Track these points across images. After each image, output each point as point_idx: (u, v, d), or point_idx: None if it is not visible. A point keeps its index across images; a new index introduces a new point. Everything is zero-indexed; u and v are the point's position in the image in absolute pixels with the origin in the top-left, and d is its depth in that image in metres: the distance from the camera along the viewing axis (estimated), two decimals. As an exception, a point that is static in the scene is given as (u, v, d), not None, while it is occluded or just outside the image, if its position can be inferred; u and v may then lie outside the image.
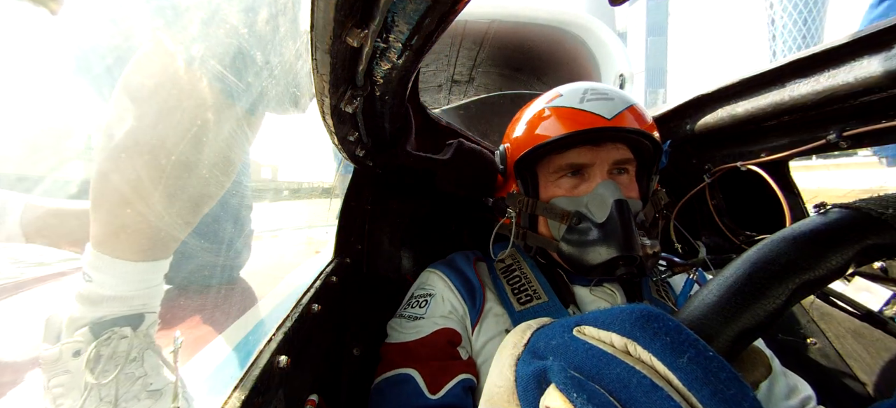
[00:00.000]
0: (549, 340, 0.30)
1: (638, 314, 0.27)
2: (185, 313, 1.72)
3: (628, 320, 0.27)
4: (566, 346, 0.28)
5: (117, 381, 0.83)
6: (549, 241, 0.79)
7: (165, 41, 0.87)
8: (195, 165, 0.93)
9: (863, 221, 0.31)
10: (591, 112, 0.75)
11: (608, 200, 0.71)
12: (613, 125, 0.74)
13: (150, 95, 0.88)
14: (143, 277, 0.92)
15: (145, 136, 0.87)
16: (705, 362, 0.23)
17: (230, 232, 1.88)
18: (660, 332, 0.25)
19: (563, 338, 0.29)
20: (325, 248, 3.42)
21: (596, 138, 0.76)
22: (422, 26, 0.39)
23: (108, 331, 0.86)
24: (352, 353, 0.92)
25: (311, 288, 0.80)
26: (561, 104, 0.79)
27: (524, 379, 0.28)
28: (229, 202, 1.87)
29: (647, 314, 0.27)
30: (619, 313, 0.28)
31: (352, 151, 0.78)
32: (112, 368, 0.84)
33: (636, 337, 0.26)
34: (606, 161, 0.76)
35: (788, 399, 0.74)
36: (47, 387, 0.84)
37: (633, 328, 0.26)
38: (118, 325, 0.87)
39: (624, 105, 0.77)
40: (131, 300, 0.90)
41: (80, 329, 0.85)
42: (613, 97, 0.77)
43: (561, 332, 0.30)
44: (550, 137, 0.77)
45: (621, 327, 0.27)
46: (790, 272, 0.29)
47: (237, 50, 0.88)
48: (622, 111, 0.76)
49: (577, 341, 0.28)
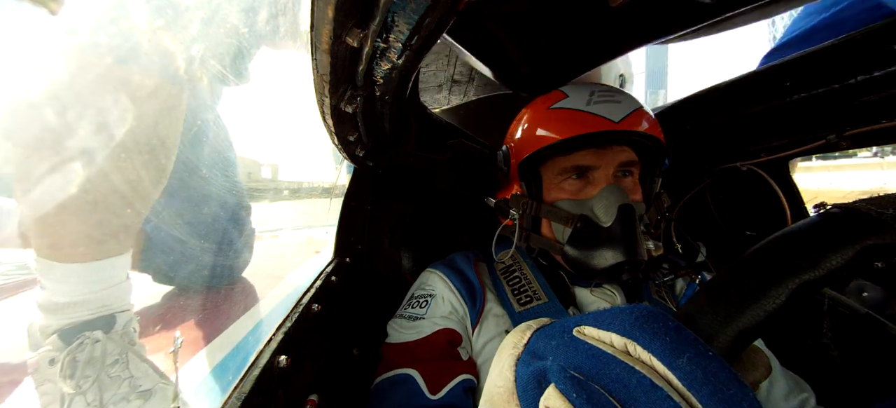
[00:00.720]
0: (548, 340, 0.30)
1: (638, 314, 0.27)
2: (186, 313, 1.72)
3: (628, 320, 0.27)
4: (566, 346, 0.28)
5: (100, 385, 0.81)
6: (552, 243, 0.79)
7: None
8: (129, 153, 0.88)
9: (863, 221, 0.31)
10: (598, 115, 0.74)
11: (614, 205, 0.71)
12: (621, 129, 0.74)
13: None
14: (98, 276, 0.87)
15: (33, 129, 0.80)
16: (705, 362, 0.23)
17: (230, 232, 1.88)
18: (659, 332, 0.25)
19: (562, 338, 0.29)
20: (325, 248, 3.42)
21: (602, 141, 0.76)
22: (422, 26, 0.39)
23: (80, 336, 0.83)
24: (352, 353, 0.92)
25: (311, 288, 0.80)
26: (567, 105, 0.78)
27: (524, 379, 0.28)
28: (227, 202, 1.86)
29: (646, 314, 0.27)
30: (619, 314, 0.28)
31: (352, 151, 0.78)
32: (92, 372, 0.81)
33: (636, 337, 0.26)
34: (612, 164, 0.76)
35: (788, 399, 0.74)
36: (38, 393, 0.83)
37: (632, 328, 0.26)
38: (88, 329, 0.84)
39: (631, 108, 0.76)
40: (91, 303, 0.86)
41: (50, 337, 0.83)
42: (620, 99, 0.77)
43: (561, 332, 0.30)
44: (556, 138, 0.76)
45: (621, 328, 0.27)
46: (790, 272, 0.29)
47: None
48: (629, 114, 0.75)
49: (577, 341, 0.28)
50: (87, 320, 0.86)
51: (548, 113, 0.80)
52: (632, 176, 0.79)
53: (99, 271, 0.88)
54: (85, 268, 0.86)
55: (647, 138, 0.76)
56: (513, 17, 0.81)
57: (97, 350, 0.83)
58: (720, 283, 0.31)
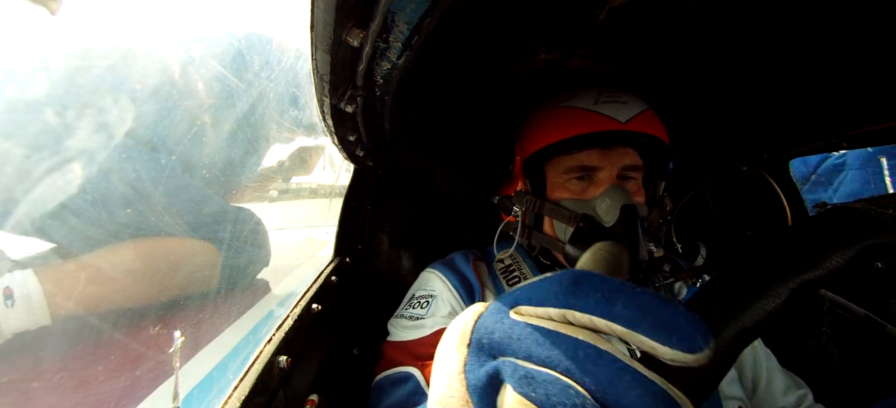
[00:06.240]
0: (490, 333, 0.29)
1: (567, 281, 0.28)
2: (187, 313, 1.71)
3: (560, 290, 0.27)
4: (508, 334, 0.28)
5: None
6: (553, 242, 0.79)
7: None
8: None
9: (863, 221, 0.31)
10: (605, 115, 0.74)
11: (616, 205, 0.71)
12: (626, 129, 0.73)
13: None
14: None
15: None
16: (637, 300, 0.25)
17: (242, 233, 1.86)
18: (591, 291, 0.26)
19: (503, 324, 0.28)
20: (326, 248, 3.38)
21: (607, 142, 0.75)
22: (422, 26, 0.39)
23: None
24: (352, 353, 0.92)
25: (311, 288, 0.80)
26: (574, 104, 0.77)
27: (477, 388, 0.28)
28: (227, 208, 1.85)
29: (574, 278, 0.28)
30: (550, 285, 0.28)
31: (352, 151, 0.78)
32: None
33: (571, 304, 0.26)
34: (616, 165, 0.76)
35: (787, 395, 0.75)
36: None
37: (567, 297, 0.27)
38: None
39: (638, 109, 0.75)
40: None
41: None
42: (628, 100, 0.76)
43: (499, 317, 0.29)
44: (561, 137, 0.75)
45: (556, 300, 0.27)
46: (790, 272, 0.29)
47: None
48: (636, 116, 0.74)
49: (518, 325, 0.28)
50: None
51: (555, 111, 0.80)
52: (635, 179, 0.79)
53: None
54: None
55: (652, 140, 0.76)
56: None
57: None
58: (720, 282, 0.31)
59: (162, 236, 1.27)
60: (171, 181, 1.30)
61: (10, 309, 1.03)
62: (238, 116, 1.51)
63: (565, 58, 0.77)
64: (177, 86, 1.33)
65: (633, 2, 0.58)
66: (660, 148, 0.78)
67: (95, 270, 1.16)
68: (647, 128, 0.75)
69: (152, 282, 1.24)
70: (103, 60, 1.17)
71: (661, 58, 0.78)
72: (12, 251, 1.14)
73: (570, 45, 0.75)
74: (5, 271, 1.07)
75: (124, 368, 1.10)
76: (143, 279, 1.22)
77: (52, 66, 1.11)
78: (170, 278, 1.26)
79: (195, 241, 1.34)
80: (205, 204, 1.38)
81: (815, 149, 0.96)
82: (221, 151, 1.50)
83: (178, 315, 1.28)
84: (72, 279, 1.14)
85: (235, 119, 1.51)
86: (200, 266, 1.34)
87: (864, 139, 0.87)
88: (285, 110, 1.75)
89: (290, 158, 2.02)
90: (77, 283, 1.14)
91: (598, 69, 0.81)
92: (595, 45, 0.76)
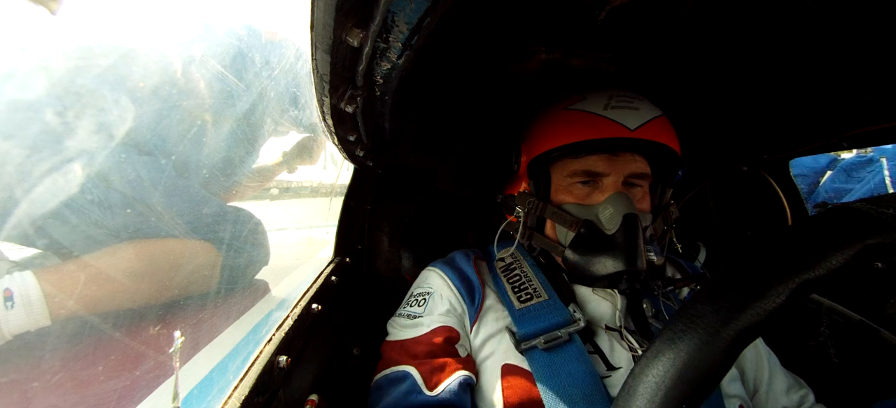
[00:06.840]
0: None
1: None
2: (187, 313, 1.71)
3: None
4: None
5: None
6: (554, 245, 0.78)
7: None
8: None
9: (863, 221, 0.31)
10: (614, 121, 0.72)
11: (619, 213, 0.70)
12: (634, 137, 0.71)
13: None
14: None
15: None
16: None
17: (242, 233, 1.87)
18: None
19: None
20: (325, 248, 3.38)
21: (615, 148, 0.74)
22: (422, 26, 0.39)
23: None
24: (352, 353, 0.92)
25: (311, 288, 0.80)
26: (584, 108, 0.76)
27: None
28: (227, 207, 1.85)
29: None
30: None
31: (352, 151, 0.78)
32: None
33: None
34: (622, 172, 0.74)
35: (788, 394, 0.75)
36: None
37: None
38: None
39: (650, 116, 0.74)
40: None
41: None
42: (639, 106, 0.74)
43: None
44: (569, 141, 0.74)
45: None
46: (790, 272, 0.29)
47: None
48: (646, 123, 0.72)
49: None
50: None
51: (563, 114, 0.78)
52: (641, 187, 0.78)
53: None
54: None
55: (661, 149, 0.74)
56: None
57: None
58: (721, 282, 0.31)
59: (162, 237, 1.27)
60: (170, 182, 1.31)
61: (10, 310, 1.04)
62: (238, 115, 1.51)
63: (565, 58, 0.77)
64: (177, 85, 1.34)
65: (632, 2, 0.58)
66: (669, 156, 0.77)
67: (95, 271, 1.16)
68: (657, 136, 0.73)
69: (152, 282, 1.24)
70: (103, 59, 1.17)
71: (661, 58, 0.78)
72: (12, 252, 1.14)
73: (570, 45, 0.74)
74: (5, 273, 1.07)
75: (124, 368, 1.10)
76: (143, 280, 1.23)
77: (52, 66, 1.12)
78: (170, 278, 1.26)
79: (195, 241, 1.34)
80: (204, 204, 1.39)
81: (816, 149, 0.96)
82: (220, 150, 1.50)
83: (177, 315, 1.28)
84: (71, 280, 1.14)
85: (235, 118, 1.51)
86: (200, 266, 1.34)
87: (864, 139, 0.87)
88: (285, 110, 1.75)
89: (297, 146, 2.01)
90: (77, 283, 1.14)
91: (598, 69, 0.81)
92: (595, 46, 0.75)
